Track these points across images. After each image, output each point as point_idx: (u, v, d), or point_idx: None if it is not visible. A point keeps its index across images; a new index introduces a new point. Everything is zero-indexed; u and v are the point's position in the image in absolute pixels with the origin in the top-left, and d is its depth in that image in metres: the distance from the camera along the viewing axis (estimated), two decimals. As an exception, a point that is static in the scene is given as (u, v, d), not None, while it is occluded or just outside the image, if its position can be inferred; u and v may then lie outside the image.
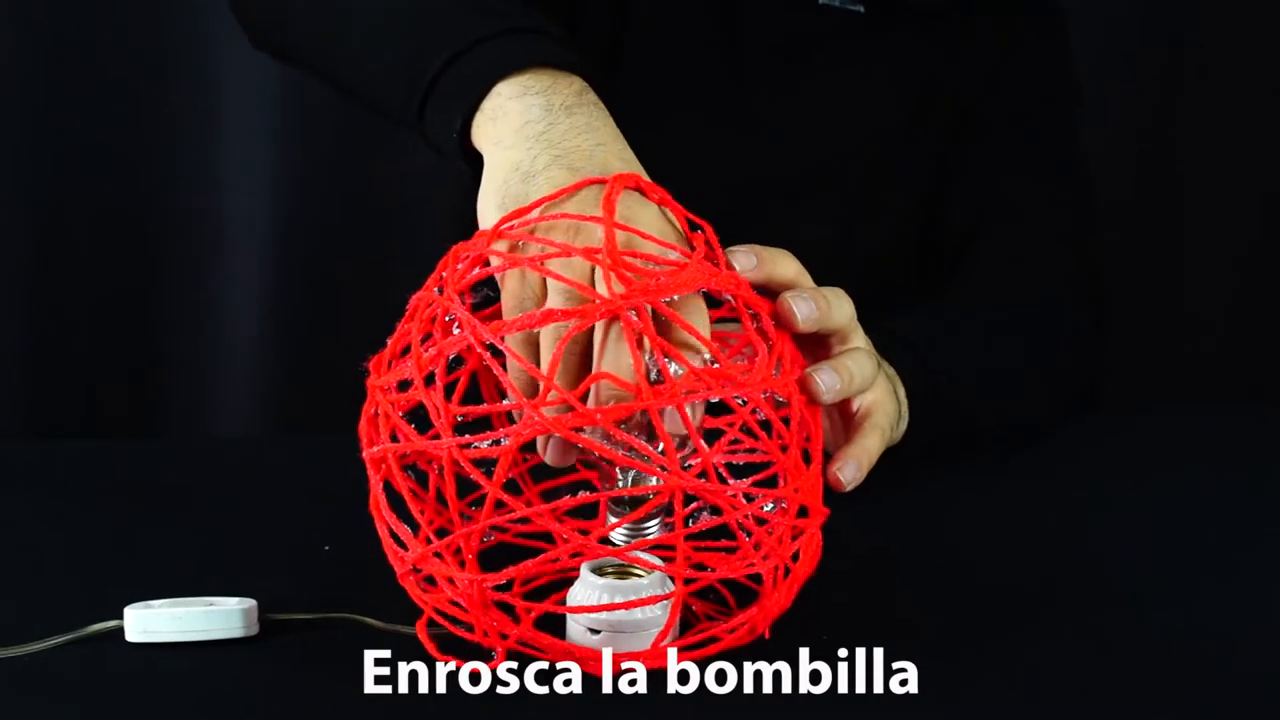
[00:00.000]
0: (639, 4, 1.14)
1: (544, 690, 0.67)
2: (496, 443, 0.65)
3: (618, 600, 0.68)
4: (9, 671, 0.69)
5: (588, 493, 0.69)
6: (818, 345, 0.77)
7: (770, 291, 0.74)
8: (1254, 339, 1.70)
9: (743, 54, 1.15)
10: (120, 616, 0.72)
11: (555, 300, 0.68)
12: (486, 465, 0.66)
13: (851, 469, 0.74)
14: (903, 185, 1.19)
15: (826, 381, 0.73)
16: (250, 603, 0.73)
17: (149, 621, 0.72)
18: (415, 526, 0.69)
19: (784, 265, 0.74)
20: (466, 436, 0.66)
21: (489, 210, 0.73)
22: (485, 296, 0.70)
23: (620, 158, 0.73)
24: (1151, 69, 1.64)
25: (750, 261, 0.73)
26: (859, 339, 0.78)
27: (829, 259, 1.17)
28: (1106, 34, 1.61)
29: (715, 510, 0.67)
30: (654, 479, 0.67)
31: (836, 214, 1.18)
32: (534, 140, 0.73)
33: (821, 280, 0.76)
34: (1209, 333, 1.70)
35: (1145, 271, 1.68)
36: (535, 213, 0.70)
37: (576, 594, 0.70)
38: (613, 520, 0.70)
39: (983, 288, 1.12)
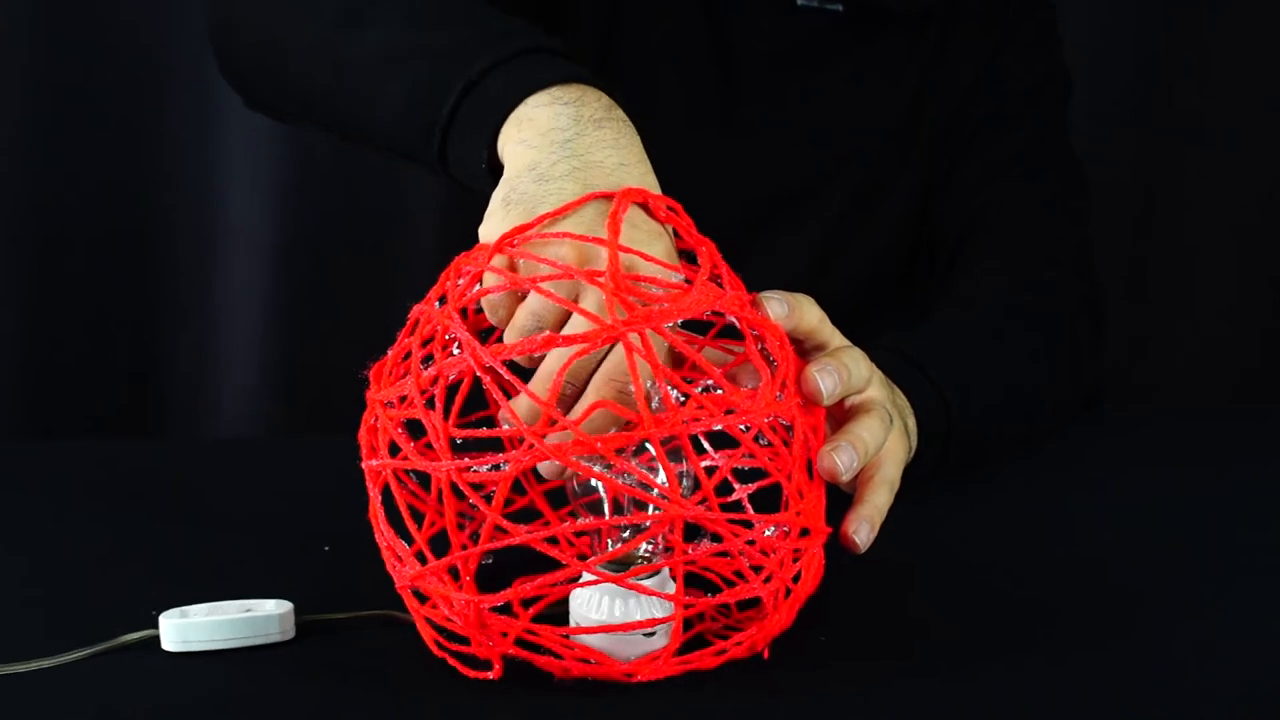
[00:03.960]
0: (625, 16, 1.14)
1: (539, 689, 0.67)
2: (496, 467, 0.65)
3: (618, 603, 0.68)
4: (35, 683, 0.69)
5: (589, 519, 0.69)
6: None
7: (794, 339, 0.74)
8: (1254, 339, 1.70)
9: (734, 63, 1.15)
10: (135, 620, 0.72)
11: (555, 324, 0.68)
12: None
13: (865, 531, 0.74)
14: (898, 189, 1.19)
15: (828, 384, 0.73)
16: (287, 606, 0.73)
17: (187, 631, 0.71)
18: (413, 540, 0.69)
19: (809, 313, 0.74)
20: (466, 460, 0.66)
21: (495, 204, 0.72)
22: None
23: (641, 180, 0.72)
24: (1151, 66, 1.64)
25: (784, 310, 0.72)
26: (875, 390, 0.78)
27: (825, 265, 1.18)
28: (1105, 31, 1.61)
29: (716, 537, 0.67)
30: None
31: (832, 220, 1.18)
32: (558, 146, 0.72)
33: (819, 288, 0.76)
34: (1209, 333, 1.70)
35: (1145, 271, 1.68)
36: (537, 229, 0.69)
37: (578, 593, 0.70)
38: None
39: (984, 295, 1.11)
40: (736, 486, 0.75)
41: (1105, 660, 0.72)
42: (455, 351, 0.67)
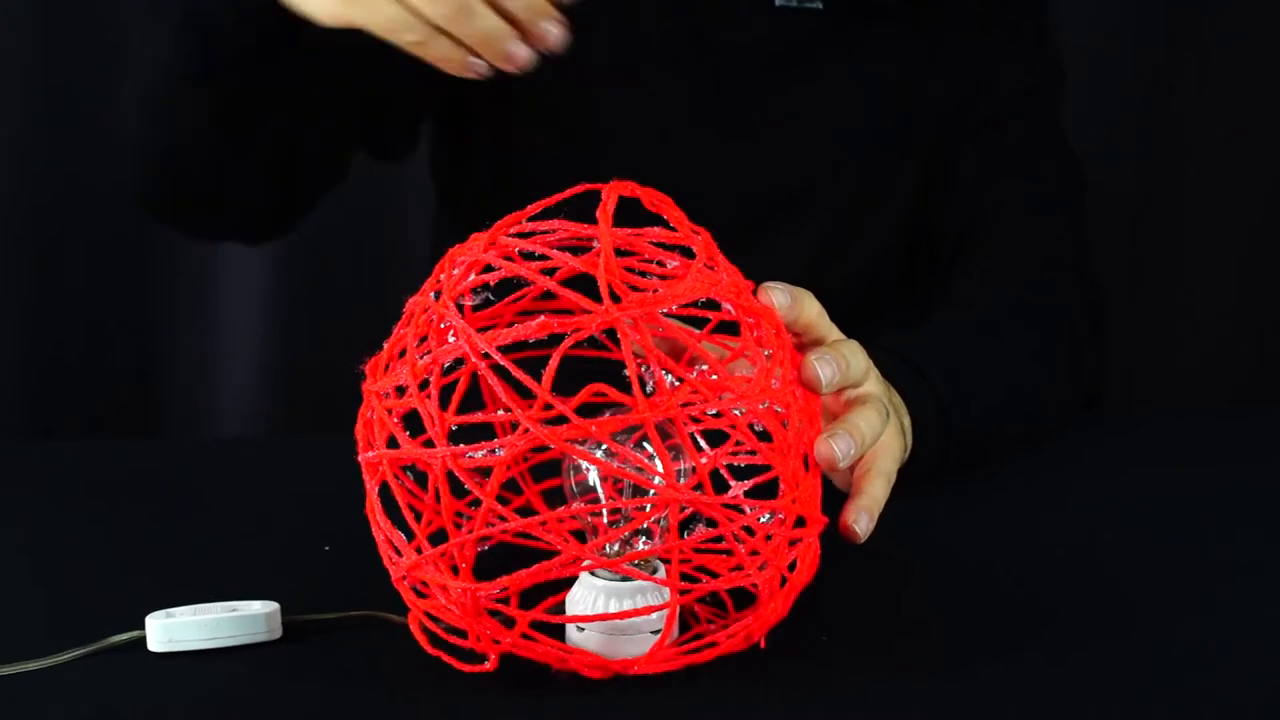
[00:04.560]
0: (603, 19, 1.12)
1: (537, 687, 0.67)
2: (492, 452, 0.66)
3: (614, 604, 0.68)
4: (23, 685, 0.68)
5: (583, 504, 0.69)
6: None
7: (791, 332, 0.74)
8: (1254, 339, 1.70)
9: (721, 64, 1.14)
10: (130, 621, 0.72)
11: None
12: (485, 472, 0.66)
13: (865, 520, 0.75)
14: (893, 189, 1.18)
15: (826, 373, 0.73)
16: (273, 606, 0.73)
17: (173, 631, 0.71)
18: (410, 533, 0.69)
19: (809, 305, 0.75)
20: (461, 446, 0.66)
21: None
22: (485, 299, 0.70)
23: None
24: (1151, 66, 1.64)
25: (786, 299, 0.73)
26: (872, 385, 0.78)
27: (824, 265, 1.18)
28: (1105, 32, 1.61)
29: (711, 522, 0.67)
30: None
31: (831, 220, 1.18)
32: None
33: (818, 287, 0.76)
34: (1209, 333, 1.70)
35: (1145, 271, 1.68)
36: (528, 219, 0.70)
37: (575, 595, 0.70)
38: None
39: (983, 295, 1.11)
40: (732, 483, 0.75)
41: (1105, 660, 0.72)
42: (451, 339, 0.68)
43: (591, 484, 0.71)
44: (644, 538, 0.70)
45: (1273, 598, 0.81)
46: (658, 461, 0.66)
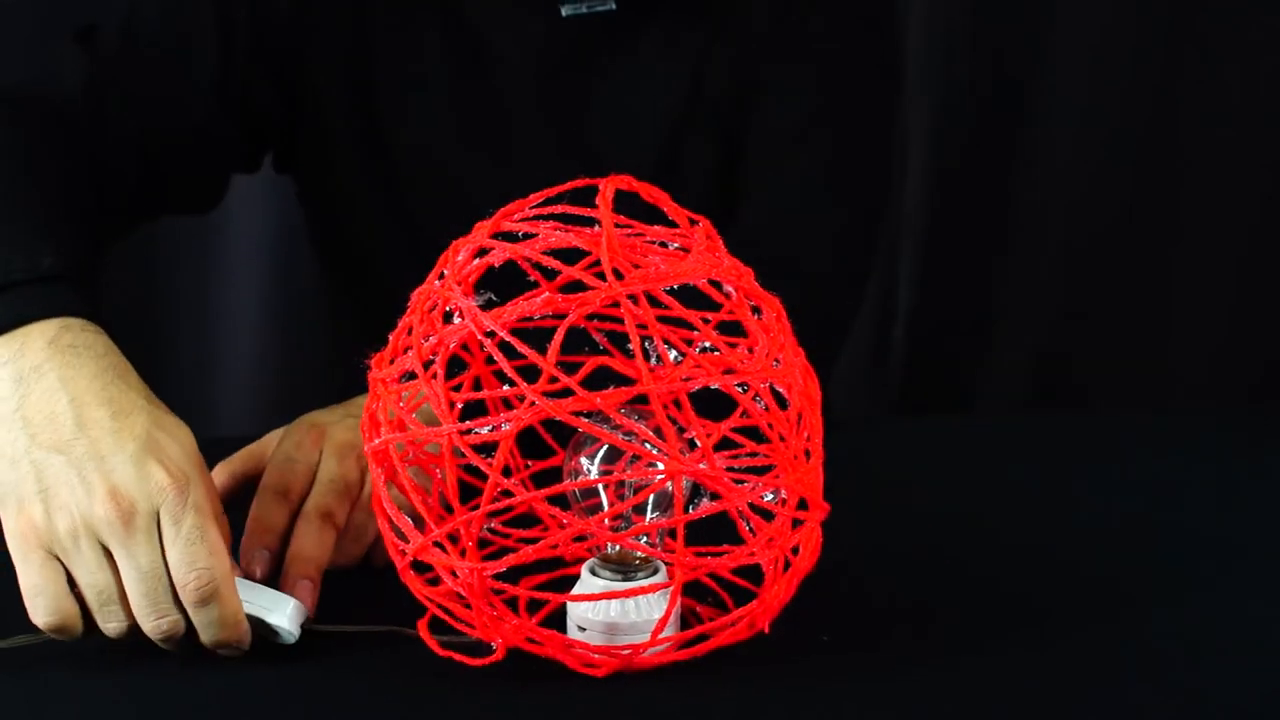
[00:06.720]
0: (384, 72, 1.10)
1: (543, 686, 0.67)
2: (497, 429, 0.66)
3: (616, 602, 0.69)
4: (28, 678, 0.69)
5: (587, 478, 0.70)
6: None
7: None
8: (1254, 339, 1.70)
9: (498, 83, 1.10)
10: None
11: None
12: (489, 453, 0.67)
13: None
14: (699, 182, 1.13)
15: None
16: (292, 602, 0.73)
17: None
18: (418, 522, 0.70)
19: None
20: (467, 423, 0.66)
21: None
22: (488, 300, 0.70)
23: (101, 399, 0.73)
24: (1151, 68, 1.64)
25: None
26: None
27: None
28: (1104, 31, 1.61)
29: (714, 497, 0.68)
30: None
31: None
32: (8, 420, 0.73)
33: None
34: (1209, 333, 1.70)
35: (1144, 271, 1.68)
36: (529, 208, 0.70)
37: (576, 595, 0.70)
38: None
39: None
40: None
41: (1105, 659, 0.72)
42: (456, 320, 0.68)
43: (589, 474, 0.71)
44: (649, 514, 0.70)
45: (1273, 597, 0.81)
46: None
